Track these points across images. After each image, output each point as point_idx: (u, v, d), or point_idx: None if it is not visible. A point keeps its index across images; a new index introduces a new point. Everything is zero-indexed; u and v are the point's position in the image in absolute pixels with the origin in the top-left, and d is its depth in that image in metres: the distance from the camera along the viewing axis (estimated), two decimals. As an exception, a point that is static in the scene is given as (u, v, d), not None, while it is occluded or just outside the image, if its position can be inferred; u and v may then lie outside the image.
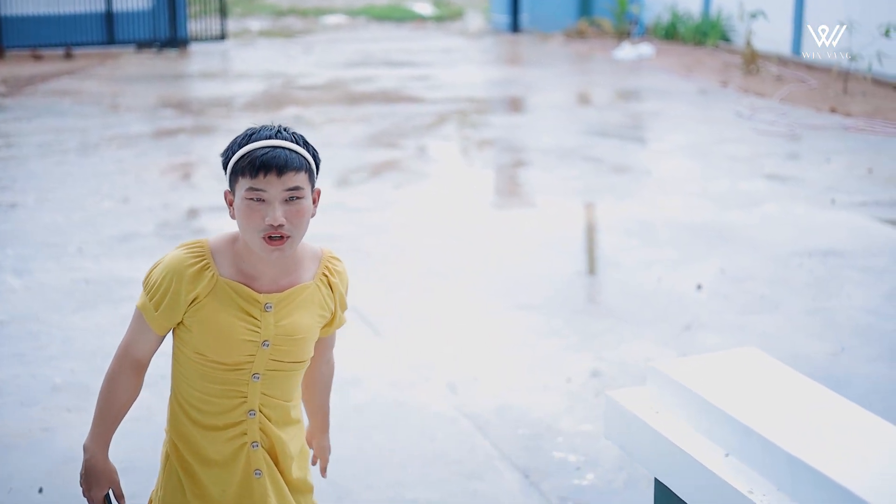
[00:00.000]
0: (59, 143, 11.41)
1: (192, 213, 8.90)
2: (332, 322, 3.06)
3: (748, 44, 16.15)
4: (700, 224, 8.55)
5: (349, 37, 20.96)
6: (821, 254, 7.77)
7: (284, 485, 3.00)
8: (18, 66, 16.81)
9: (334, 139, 11.56)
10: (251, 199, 2.75)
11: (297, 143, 2.82)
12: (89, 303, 6.83)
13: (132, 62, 17.48)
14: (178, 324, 2.88)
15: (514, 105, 14.41)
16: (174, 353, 2.94)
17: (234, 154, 2.79)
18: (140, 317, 2.88)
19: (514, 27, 21.12)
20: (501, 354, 6.12)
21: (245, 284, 2.87)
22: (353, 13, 24.80)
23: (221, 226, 8.55)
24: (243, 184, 2.76)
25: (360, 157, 10.78)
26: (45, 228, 8.41)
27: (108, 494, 2.97)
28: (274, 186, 2.75)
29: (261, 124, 2.85)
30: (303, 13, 24.85)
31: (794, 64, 16.32)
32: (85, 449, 2.95)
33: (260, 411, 2.94)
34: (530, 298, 6.96)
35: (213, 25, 19.87)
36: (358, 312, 6.66)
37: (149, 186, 9.69)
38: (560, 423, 5.26)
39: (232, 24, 21.61)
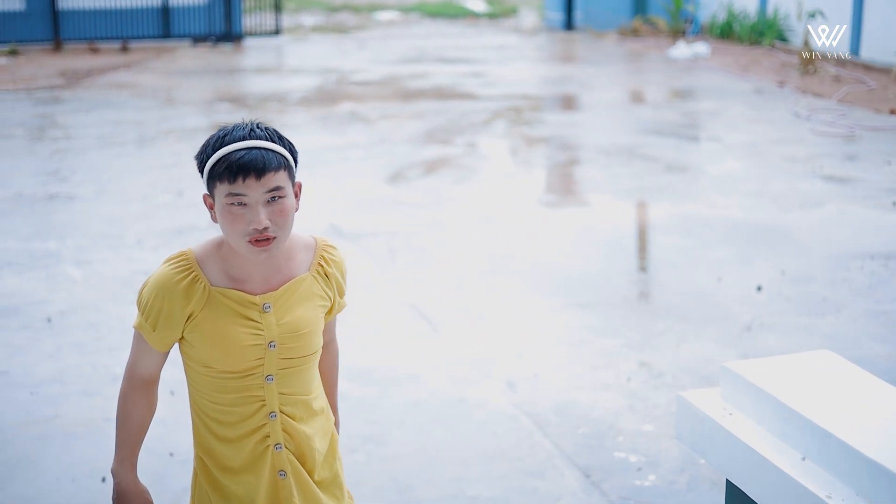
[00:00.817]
0: (116, 136, 11.49)
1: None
2: (331, 309, 2.99)
3: (805, 43, 16.00)
4: (758, 224, 8.48)
5: (402, 33, 20.97)
6: (882, 256, 7.68)
7: (311, 484, 2.95)
8: (76, 59, 16.95)
9: (389, 135, 11.57)
10: (232, 203, 2.67)
11: (273, 141, 2.72)
12: (149, 294, 6.85)
13: (188, 56, 17.57)
14: (181, 339, 2.82)
15: (568, 103, 14.36)
16: (185, 369, 2.89)
17: (209, 158, 2.70)
18: (139, 337, 2.83)
19: (568, 25, 21.06)
20: (560, 352, 6.10)
21: (238, 289, 2.80)
22: (406, 9, 24.81)
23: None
24: (222, 189, 2.67)
25: (414, 154, 10.78)
26: (103, 220, 8.47)
27: None
28: (254, 190, 2.66)
29: (233, 123, 2.75)
30: (356, 9, 24.90)
31: (853, 64, 16.16)
32: (113, 474, 2.91)
33: (281, 411, 2.88)
34: (588, 297, 6.93)
35: (268, 20, 19.95)
36: (415, 308, 6.66)
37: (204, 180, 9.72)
38: (621, 423, 5.22)
39: (286, 20, 21.70)
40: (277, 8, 19.84)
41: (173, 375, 5.58)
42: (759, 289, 7.03)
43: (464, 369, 5.85)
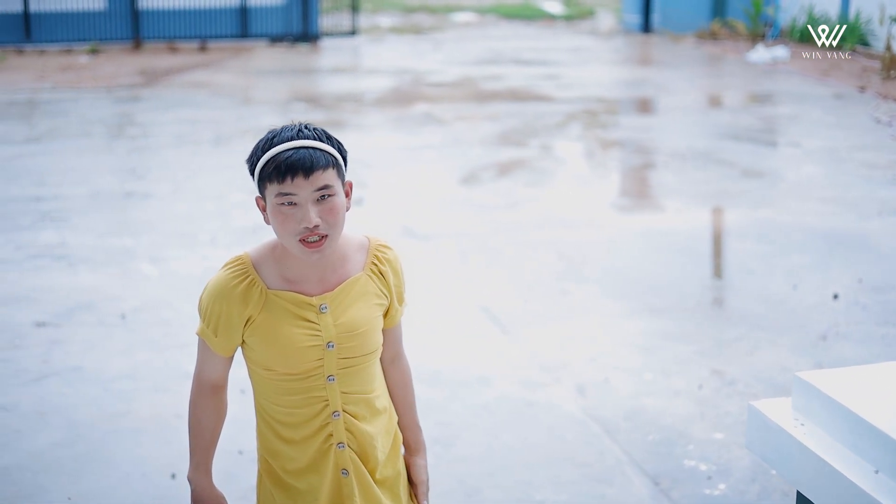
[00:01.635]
0: (193, 134, 11.60)
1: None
2: (388, 312, 2.97)
3: (888, 48, 15.75)
4: (836, 231, 8.35)
5: (478, 34, 20.97)
6: (963, 266, 7.54)
7: (372, 483, 2.94)
8: (155, 58, 17.14)
9: (463, 136, 11.56)
10: (283, 203, 2.67)
11: (321, 140, 2.73)
12: (222, 292, 6.90)
13: (265, 56, 17.70)
14: (242, 343, 2.84)
15: (644, 106, 14.26)
16: (249, 372, 2.91)
17: (258, 160, 2.71)
18: (202, 344, 2.86)
19: (646, 28, 20.92)
20: (631, 358, 6.04)
21: (294, 291, 2.80)
22: (482, 11, 24.81)
23: (349, 218, 8.59)
24: (272, 189, 2.68)
25: (489, 155, 10.76)
26: (178, 218, 8.55)
27: None
28: (303, 189, 2.66)
29: (282, 125, 2.76)
30: (432, 10, 24.94)
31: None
32: (189, 480, 2.95)
33: (344, 410, 2.88)
34: (662, 302, 6.86)
35: (344, 21, 20.04)
36: (486, 310, 6.64)
37: (280, 179, 9.78)
38: (692, 430, 5.16)
39: (362, 20, 21.79)
40: (354, 9, 19.93)
41: (243, 374, 5.61)
42: (835, 297, 6.92)
43: (534, 373, 5.82)
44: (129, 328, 6.34)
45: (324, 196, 2.69)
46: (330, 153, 2.71)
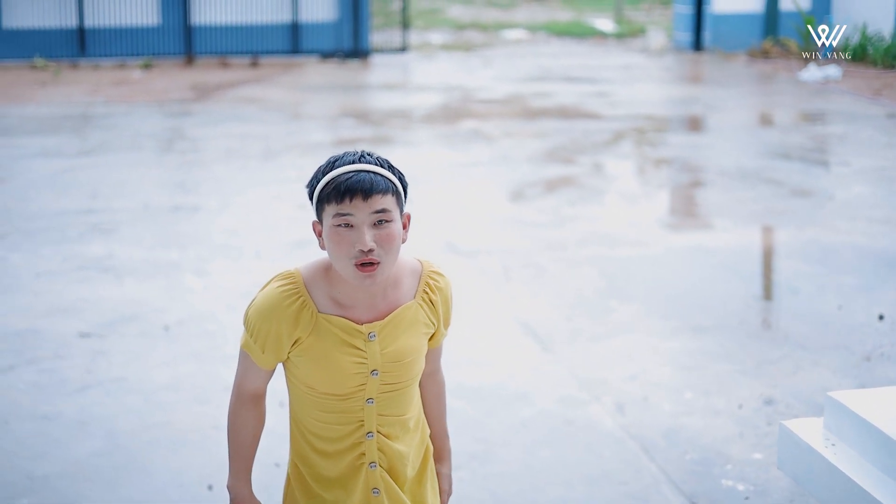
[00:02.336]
0: (242, 149, 11.69)
1: (368, 222, 8.99)
2: (433, 336, 2.98)
3: (941, 68, 15.60)
4: (884, 251, 8.27)
5: (529, 51, 20.98)
6: None
7: (405, 500, 2.95)
8: (207, 73, 17.30)
9: (511, 153, 11.57)
10: (339, 225, 2.69)
11: (382, 167, 2.75)
12: (264, 306, 6.95)
13: (315, 71, 17.82)
14: (286, 359, 2.86)
15: (694, 124, 14.21)
16: (288, 383, 2.93)
17: (318, 182, 2.74)
18: (246, 356, 2.87)
19: (697, 46, 20.85)
20: (672, 376, 6.02)
21: (344, 316, 2.81)
22: (533, 28, 24.82)
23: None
24: (330, 211, 2.70)
25: (535, 172, 10.76)
26: (225, 231, 8.61)
27: None
28: (361, 210, 2.68)
29: (343, 151, 2.80)
30: (483, 27, 24.99)
31: None
32: (229, 489, 2.97)
33: (378, 431, 2.90)
34: (704, 321, 6.83)
35: (395, 38, 20.13)
36: (527, 327, 6.64)
37: (326, 194, 9.83)
38: (730, 450, 5.13)
39: (413, 37, 21.87)
40: (405, 25, 20.02)
41: (282, 387, 5.64)
42: (881, 318, 6.86)
43: (573, 390, 5.80)
44: (172, 340, 6.39)
45: (381, 221, 2.70)
46: (390, 180, 2.74)
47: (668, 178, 11.01)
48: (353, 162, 2.72)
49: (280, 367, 2.93)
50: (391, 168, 2.78)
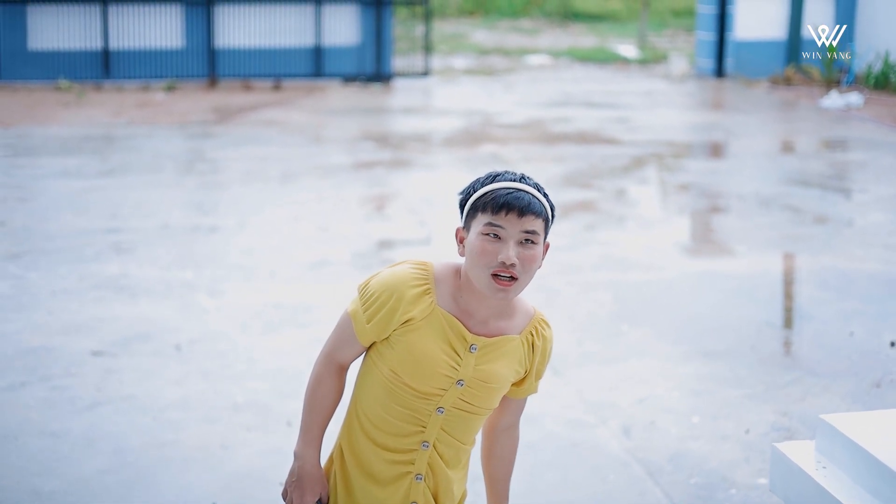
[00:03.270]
0: (261, 171, 11.76)
1: (385, 245, 9.05)
2: (522, 383, 3.04)
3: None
4: (899, 279, 8.26)
5: (551, 77, 21.04)
6: None
7: None
8: (229, 96, 17.41)
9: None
10: (487, 234, 2.79)
11: (540, 192, 2.86)
12: (276, 325, 7.00)
13: (337, 95, 17.91)
14: (384, 339, 2.90)
15: (713, 150, 14.21)
16: (365, 364, 2.98)
17: (475, 192, 2.85)
18: (348, 324, 2.92)
19: (719, 72, 20.86)
20: (681, 400, 6.02)
21: (458, 319, 2.88)
22: (556, 53, 24.88)
23: (410, 257, 8.65)
24: (482, 219, 2.80)
25: (553, 197, 10.77)
26: (241, 252, 8.66)
27: (319, 501, 3.01)
28: (513, 226, 2.78)
29: (504, 169, 2.89)
30: (507, 52, 25.06)
31: None
32: (296, 455, 3.00)
33: (434, 446, 2.94)
34: (715, 346, 6.83)
35: (417, 62, 20.22)
36: (537, 350, 6.65)
37: (343, 216, 9.90)
38: (735, 475, 5.13)
39: (437, 62, 21.96)
40: (427, 50, 20.11)
41: (294, 406, 5.67)
42: (892, 345, 6.84)
43: (581, 413, 5.81)
44: (183, 359, 6.44)
45: (528, 240, 2.82)
46: (545, 205, 2.85)
47: (686, 203, 11.01)
48: (514, 180, 2.84)
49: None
50: (546, 196, 2.88)
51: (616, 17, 32.39)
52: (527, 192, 2.80)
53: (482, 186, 2.84)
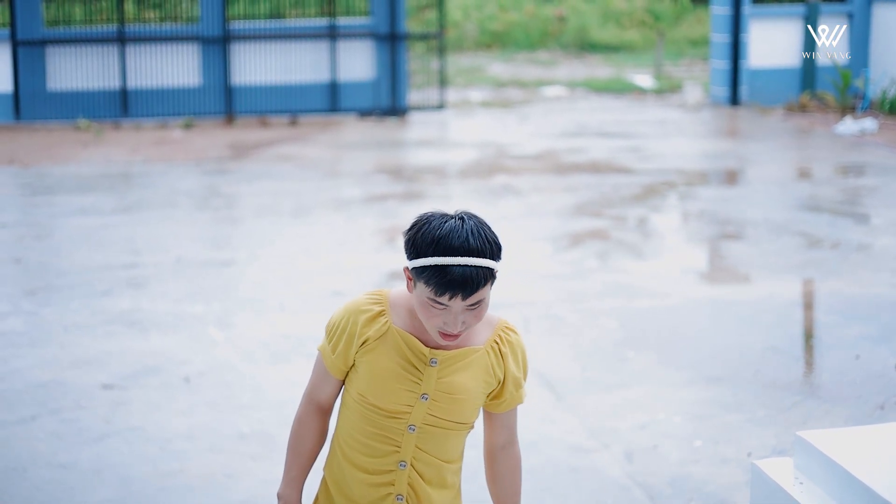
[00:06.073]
0: (275, 205, 11.86)
1: (395, 276, 9.12)
2: (500, 395, 3.02)
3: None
4: (906, 302, 8.27)
5: (566, 107, 21.12)
6: None
7: None
8: (246, 132, 17.56)
9: (539, 208, 11.66)
10: (432, 306, 2.80)
11: (489, 252, 2.79)
12: (283, 356, 7.08)
13: (353, 129, 18.04)
14: (352, 366, 2.96)
15: (725, 178, 14.25)
16: (343, 395, 3.03)
17: (416, 253, 2.80)
18: (320, 361, 3.01)
19: (734, 100, 20.90)
20: (683, 426, 6.05)
21: (415, 336, 2.92)
22: (572, 84, 24.98)
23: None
24: (426, 290, 2.78)
25: (562, 226, 10.84)
26: (251, 284, 8.75)
27: None
28: (458, 304, 2.78)
29: (446, 218, 2.80)
30: (523, 84, 25.17)
31: None
32: (279, 497, 3.07)
33: (412, 465, 2.96)
34: (719, 371, 6.86)
35: (433, 95, 20.34)
36: (542, 377, 6.70)
37: (354, 248, 9.98)
38: (735, 498, 5.16)
39: (454, 95, 22.06)
40: (442, 83, 20.24)
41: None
42: (897, 367, 6.87)
43: (582, 439, 5.85)
44: (191, 391, 6.51)
45: (474, 307, 2.82)
46: (492, 270, 2.81)
47: (695, 230, 11.05)
48: (456, 250, 2.74)
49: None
50: (493, 244, 2.81)
51: (632, 47, 32.48)
52: (475, 267, 2.74)
53: (424, 251, 2.77)
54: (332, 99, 19.24)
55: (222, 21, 18.69)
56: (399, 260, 9.63)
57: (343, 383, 3.02)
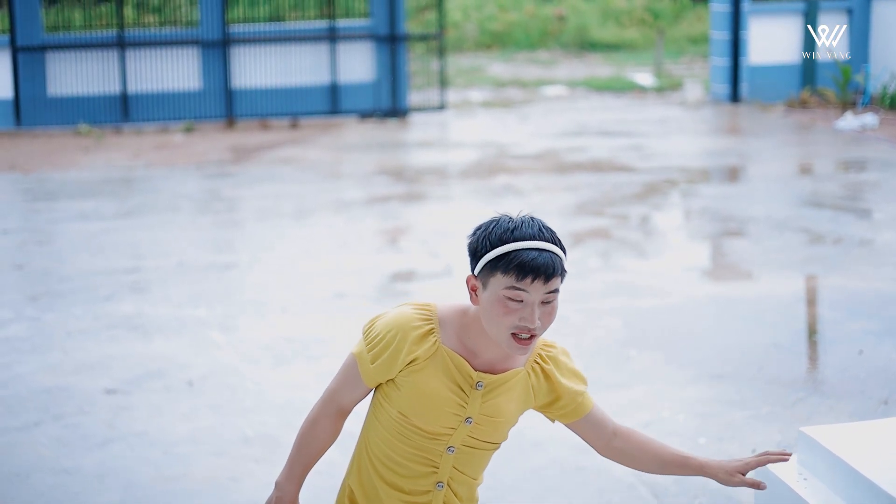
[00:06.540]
0: (276, 208, 11.86)
1: (397, 277, 9.12)
2: (565, 411, 3.02)
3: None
4: (909, 297, 8.26)
5: (567, 107, 21.11)
6: None
7: None
8: (247, 136, 17.56)
9: (541, 208, 11.65)
10: (511, 298, 2.73)
11: (557, 244, 2.80)
12: (286, 359, 7.07)
13: (354, 131, 18.03)
14: (389, 380, 2.87)
15: (726, 175, 14.24)
16: (374, 407, 2.94)
17: (491, 246, 2.76)
18: (353, 366, 2.89)
19: (734, 97, 20.88)
20: (687, 423, 6.05)
21: (464, 358, 2.85)
22: (573, 84, 24.97)
23: (424, 288, 8.74)
24: (503, 281, 2.73)
25: (564, 225, 10.83)
26: (253, 288, 8.75)
27: None
28: (537, 290, 2.73)
29: (516, 216, 2.80)
30: (524, 84, 25.16)
31: None
32: (277, 485, 2.98)
33: (448, 485, 2.93)
34: (722, 369, 6.85)
35: (433, 96, 20.34)
36: (545, 377, 6.69)
37: (356, 250, 9.98)
38: (739, 495, 5.15)
39: (454, 95, 22.05)
40: (442, 84, 20.24)
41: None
42: (901, 362, 6.86)
43: (587, 438, 5.84)
44: (194, 394, 6.51)
45: (549, 300, 2.79)
46: (563, 260, 2.80)
47: (697, 228, 11.05)
48: (534, 236, 2.74)
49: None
50: (560, 243, 2.82)
51: (632, 45, 32.46)
52: (549, 252, 2.74)
53: (499, 241, 2.75)
54: (333, 101, 19.23)
55: (222, 24, 18.70)
56: (400, 260, 9.63)
57: (369, 391, 2.94)
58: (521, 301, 2.73)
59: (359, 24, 19.50)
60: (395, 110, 19.35)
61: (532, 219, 2.80)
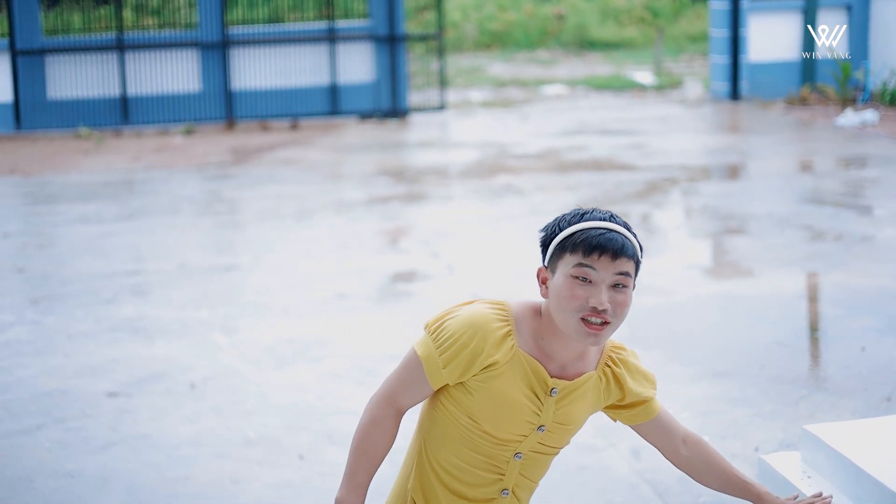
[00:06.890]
0: (277, 209, 11.86)
1: (398, 278, 9.11)
2: (633, 412, 2.99)
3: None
4: (911, 294, 8.26)
5: (567, 106, 21.12)
6: None
7: None
8: (247, 137, 17.56)
9: (541, 207, 11.65)
10: (578, 277, 2.66)
11: (630, 232, 2.74)
12: (288, 360, 7.07)
13: (354, 132, 18.04)
14: (458, 383, 2.76)
15: (727, 173, 14.24)
16: (435, 409, 2.82)
17: (561, 231, 2.72)
18: (417, 366, 2.74)
19: (734, 95, 20.88)
20: (690, 421, 6.03)
21: (540, 362, 2.76)
22: (573, 83, 24.97)
23: (424, 288, 8.73)
24: (570, 260, 2.67)
25: (565, 224, 10.82)
26: (255, 289, 8.74)
27: None
28: (605, 268, 2.66)
29: (591, 207, 2.77)
30: (524, 83, 25.16)
31: None
32: (338, 502, 2.78)
33: (513, 491, 2.86)
34: (725, 367, 6.85)
35: (434, 97, 20.33)
36: (547, 376, 6.69)
37: (357, 251, 9.97)
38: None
39: (454, 95, 22.05)
40: (442, 84, 20.23)
41: (304, 440, 5.73)
42: (903, 358, 6.85)
43: (590, 437, 5.83)
44: (197, 397, 6.51)
45: (619, 284, 2.71)
46: (636, 247, 2.74)
47: (698, 226, 11.04)
48: (604, 219, 2.71)
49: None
50: (635, 236, 2.76)
51: (632, 44, 32.46)
52: (619, 233, 2.69)
53: (569, 225, 2.72)
54: (333, 102, 19.24)
55: (221, 26, 18.70)
56: (401, 261, 9.62)
57: (431, 393, 2.80)
58: (590, 281, 2.66)
59: (358, 25, 19.50)
60: (395, 111, 19.36)
61: (610, 212, 2.78)
